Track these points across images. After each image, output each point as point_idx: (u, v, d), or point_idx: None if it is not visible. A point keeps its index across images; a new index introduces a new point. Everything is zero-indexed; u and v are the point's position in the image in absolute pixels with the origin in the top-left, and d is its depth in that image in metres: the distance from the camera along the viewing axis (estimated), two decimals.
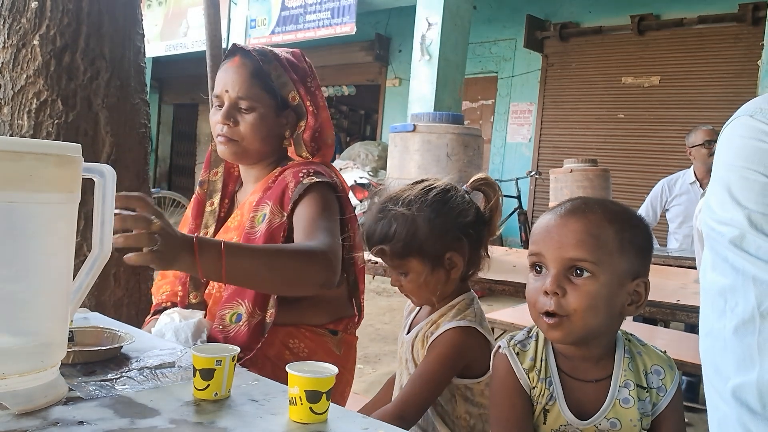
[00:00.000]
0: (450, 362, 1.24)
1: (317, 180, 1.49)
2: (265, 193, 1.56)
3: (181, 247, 1.17)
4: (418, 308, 1.42)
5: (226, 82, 1.58)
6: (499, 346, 1.13)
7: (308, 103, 1.62)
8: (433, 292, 1.31)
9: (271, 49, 1.66)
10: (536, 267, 1.06)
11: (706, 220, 0.78)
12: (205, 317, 1.55)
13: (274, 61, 1.61)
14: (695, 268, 3.16)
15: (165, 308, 1.65)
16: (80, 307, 1.14)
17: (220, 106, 1.60)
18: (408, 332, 1.39)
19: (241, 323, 1.49)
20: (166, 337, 1.43)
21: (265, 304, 1.49)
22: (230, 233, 1.60)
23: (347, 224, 1.59)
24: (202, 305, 1.61)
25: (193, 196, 1.77)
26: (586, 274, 1.00)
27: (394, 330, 4.83)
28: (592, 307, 1.00)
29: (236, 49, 1.63)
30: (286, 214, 1.49)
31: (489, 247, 1.38)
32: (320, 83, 1.80)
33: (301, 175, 1.51)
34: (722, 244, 0.74)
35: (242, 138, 1.57)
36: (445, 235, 1.28)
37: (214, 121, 1.60)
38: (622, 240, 1.01)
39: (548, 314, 1.02)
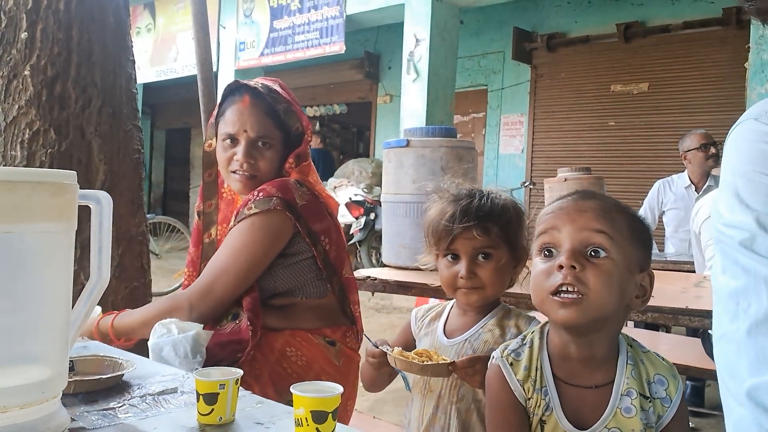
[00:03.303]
0: None
1: (254, 211, 1.58)
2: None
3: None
4: (445, 315, 1.35)
5: (243, 122, 1.67)
6: (493, 357, 1.10)
7: (308, 131, 1.74)
8: (506, 284, 1.29)
9: (270, 85, 1.74)
10: (546, 250, 1.03)
11: (715, 225, 0.78)
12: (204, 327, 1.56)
13: (281, 97, 1.71)
14: (694, 271, 3.17)
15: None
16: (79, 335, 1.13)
17: (232, 143, 1.69)
18: (447, 338, 1.31)
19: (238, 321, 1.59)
20: (164, 351, 1.42)
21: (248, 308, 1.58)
22: None
23: (318, 236, 1.66)
24: None
25: (193, 224, 1.88)
26: (602, 254, 0.99)
27: None
28: (608, 286, 0.98)
29: (241, 87, 1.72)
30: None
31: None
32: (311, 102, 1.91)
33: (250, 198, 1.61)
34: (732, 246, 0.74)
35: (261, 173, 1.69)
36: (524, 233, 1.32)
37: (227, 157, 1.70)
38: (631, 228, 1.03)
39: (561, 293, 0.99)
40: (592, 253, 0.99)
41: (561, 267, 0.99)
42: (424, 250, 1.37)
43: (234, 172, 1.69)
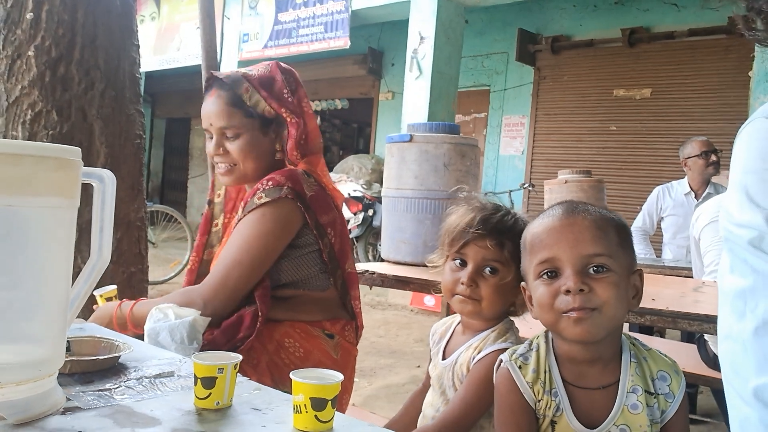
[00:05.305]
0: (491, 384, 1.18)
1: (265, 200, 1.57)
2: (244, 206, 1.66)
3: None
4: (449, 333, 1.37)
5: (209, 115, 1.68)
6: (501, 360, 1.11)
7: (284, 113, 1.68)
8: (505, 305, 1.27)
9: (244, 71, 1.73)
10: (547, 273, 1.04)
11: (723, 224, 0.77)
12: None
13: (244, 83, 1.68)
14: (692, 278, 3.16)
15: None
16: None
17: (210, 138, 1.71)
18: (443, 358, 1.34)
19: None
20: (161, 336, 1.41)
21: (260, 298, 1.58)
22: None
23: (324, 229, 1.65)
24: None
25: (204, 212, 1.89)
26: (603, 269, 1.01)
27: (389, 343, 4.80)
28: (617, 298, 1.01)
29: (212, 79, 1.72)
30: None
31: None
32: (313, 97, 1.87)
33: (259, 187, 1.60)
34: (741, 246, 0.73)
35: (236, 162, 1.68)
36: None
37: (208, 152, 1.71)
38: (619, 234, 1.06)
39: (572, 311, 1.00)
40: (594, 269, 1.01)
41: (568, 291, 1.00)
42: (438, 250, 1.36)
43: (216, 164, 1.71)
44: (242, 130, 1.66)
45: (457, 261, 1.28)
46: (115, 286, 1.67)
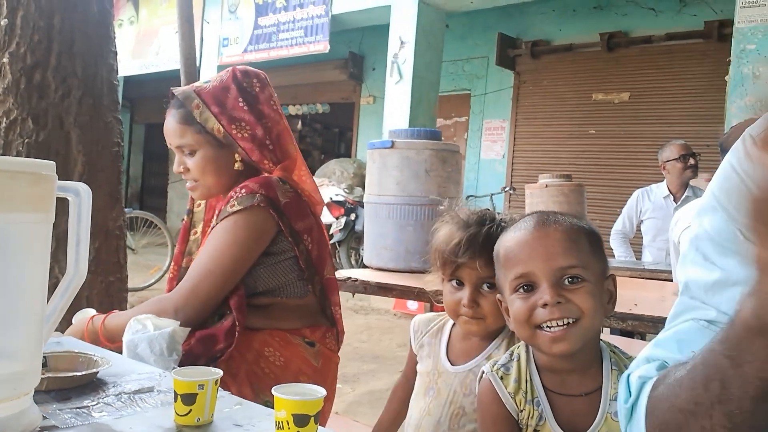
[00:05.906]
0: None
1: (237, 208, 1.56)
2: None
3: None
4: (446, 336, 1.34)
5: (166, 133, 1.69)
6: (483, 371, 1.11)
7: (234, 130, 1.64)
8: (503, 320, 1.22)
9: (197, 85, 1.71)
10: (523, 287, 1.05)
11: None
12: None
13: (195, 100, 1.66)
14: (671, 280, 3.19)
15: None
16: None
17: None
18: (450, 363, 1.30)
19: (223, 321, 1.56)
20: (140, 348, 1.39)
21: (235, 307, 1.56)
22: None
23: (300, 235, 1.64)
24: None
25: (182, 222, 1.88)
26: (578, 279, 1.02)
27: (372, 348, 4.79)
28: (593, 306, 1.02)
29: (171, 97, 1.71)
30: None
31: None
32: (294, 101, 1.85)
33: (233, 195, 1.59)
34: (690, 241, 0.80)
35: (197, 178, 1.67)
36: None
37: (174, 170, 1.74)
38: (591, 242, 1.06)
39: (549, 327, 1.00)
40: (569, 280, 1.02)
41: (545, 304, 1.00)
42: (431, 268, 1.33)
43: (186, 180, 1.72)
44: (197, 146, 1.65)
45: (454, 281, 1.27)
46: (93, 312, 1.64)
